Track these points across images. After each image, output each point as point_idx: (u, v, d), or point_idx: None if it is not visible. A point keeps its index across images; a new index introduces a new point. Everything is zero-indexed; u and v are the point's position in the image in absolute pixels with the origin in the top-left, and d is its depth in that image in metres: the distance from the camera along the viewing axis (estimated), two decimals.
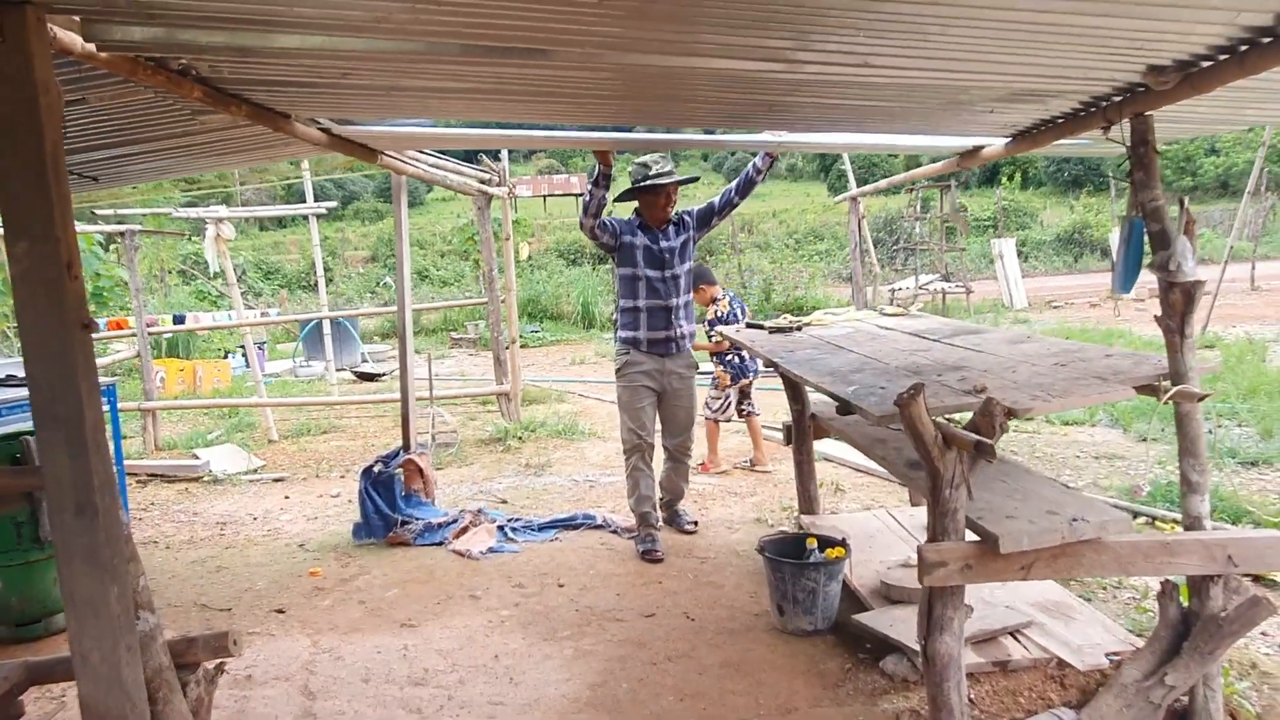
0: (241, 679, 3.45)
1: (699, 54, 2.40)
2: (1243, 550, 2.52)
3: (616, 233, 4.72)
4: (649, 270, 4.69)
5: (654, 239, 4.72)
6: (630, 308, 4.74)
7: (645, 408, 4.72)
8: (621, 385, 4.78)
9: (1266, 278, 18.42)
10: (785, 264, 21.50)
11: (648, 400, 4.73)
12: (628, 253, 4.72)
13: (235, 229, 8.76)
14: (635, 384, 4.72)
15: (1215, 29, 2.00)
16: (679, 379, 4.79)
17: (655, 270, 4.70)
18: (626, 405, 4.76)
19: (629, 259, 4.72)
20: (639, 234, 4.73)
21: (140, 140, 3.80)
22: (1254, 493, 5.07)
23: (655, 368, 4.72)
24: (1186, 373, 2.61)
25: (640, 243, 4.71)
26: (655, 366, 4.72)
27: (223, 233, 7.93)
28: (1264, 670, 3.06)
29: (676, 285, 4.75)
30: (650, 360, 4.71)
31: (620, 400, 4.82)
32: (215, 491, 6.44)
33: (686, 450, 4.96)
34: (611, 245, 4.76)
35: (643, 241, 4.71)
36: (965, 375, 2.99)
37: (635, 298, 4.72)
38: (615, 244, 4.74)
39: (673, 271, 4.74)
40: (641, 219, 4.78)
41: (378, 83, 2.84)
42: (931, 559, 2.52)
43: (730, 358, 6.36)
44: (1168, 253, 2.57)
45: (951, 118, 3.28)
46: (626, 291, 4.77)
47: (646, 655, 3.52)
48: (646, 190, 4.70)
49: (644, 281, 4.70)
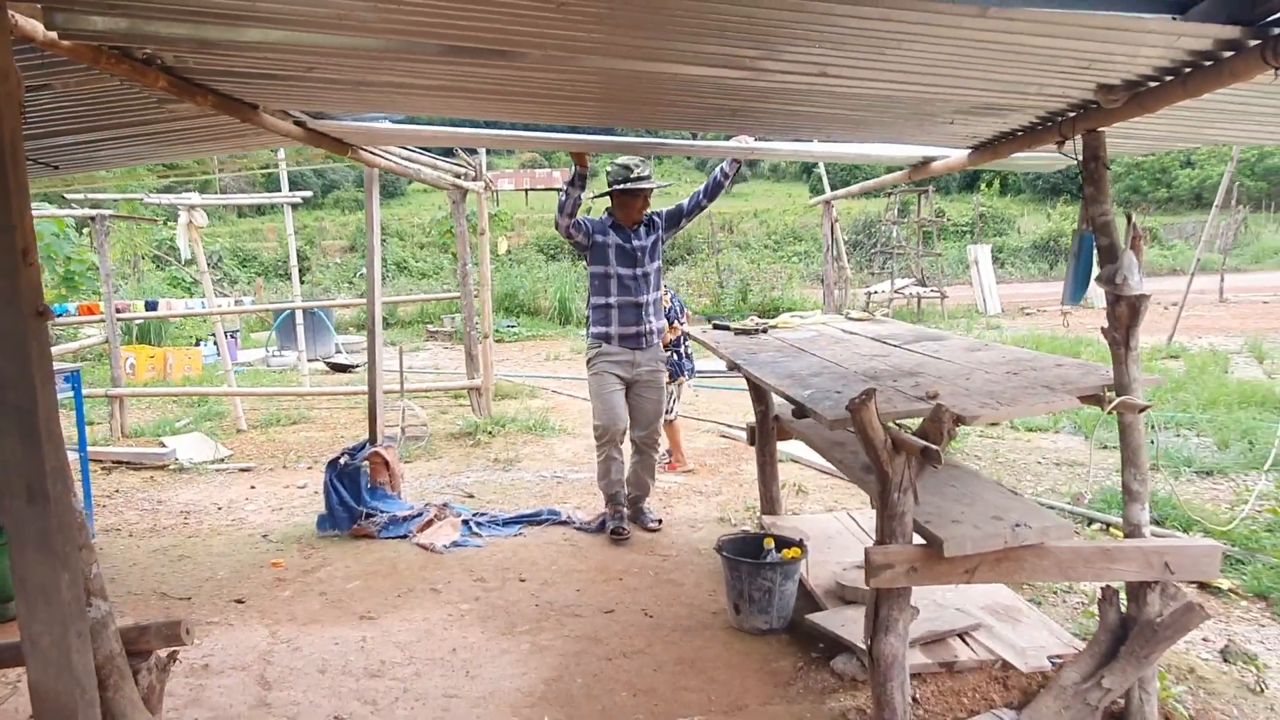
0: (198, 668, 3.45)
1: (664, 59, 2.44)
2: (1179, 558, 2.59)
3: (589, 232, 4.84)
4: (621, 268, 4.82)
5: (626, 238, 4.84)
6: (602, 304, 4.87)
7: (615, 396, 4.86)
8: (592, 375, 4.93)
9: (1235, 290, 18.72)
10: (764, 264, 21.59)
11: (617, 389, 4.87)
12: (600, 251, 4.83)
13: (209, 216, 8.70)
14: (605, 374, 4.86)
15: (1158, 51, 2.05)
16: (647, 372, 4.92)
17: (627, 268, 4.83)
18: (597, 394, 4.89)
19: (601, 257, 4.83)
20: (611, 233, 4.84)
21: (107, 127, 3.78)
22: (1206, 501, 5.18)
23: (625, 360, 4.86)
24: (1131, 384, 2.68)
25: (612, 241, 4.82)
26: (625, 359, 4.86)
27: (195, 220, 7.87)
28: (1201, 676, 3.14)
29: (647, 282, 4.88)
30: (621, 353, 4.85)
31: (591, 390, 4.96)
32: (181, 480, 6.41)
33: (653, 443, 5.05)
34: (584, 244, 4.87)
35: (615, 240, 4.82)
36: (920, 381, 3.04)
37: (607, 295, 4.85)
38: (588, 243, 4.85)
39: (644, 269, 4.87)
40: (614, 219, 4.89)
41: (344, 78, 2.85)
42: (878, 561, 2.58)
43: (670, 355, 6.20)
44: (1114, 266, 2.63)
45: (915, 128, 3.34)
46: (598, 288, 4.88)
47: (603, 651, 3.55)
48: (626, 192, 4.81)
49: (615, 279, 4.83)
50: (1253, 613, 3.76)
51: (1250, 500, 4.77)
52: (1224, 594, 3.91)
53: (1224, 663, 3.27)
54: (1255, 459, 5.76)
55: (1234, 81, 2.02)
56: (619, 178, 4.82)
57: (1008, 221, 31.24)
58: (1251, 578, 3.98)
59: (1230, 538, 4.36)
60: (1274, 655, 3.36)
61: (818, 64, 2.32)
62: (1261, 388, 7.97)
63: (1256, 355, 10.27)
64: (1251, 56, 1.92)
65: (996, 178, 36.89)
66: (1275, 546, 4.15)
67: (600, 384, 4.86)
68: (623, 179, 4.81)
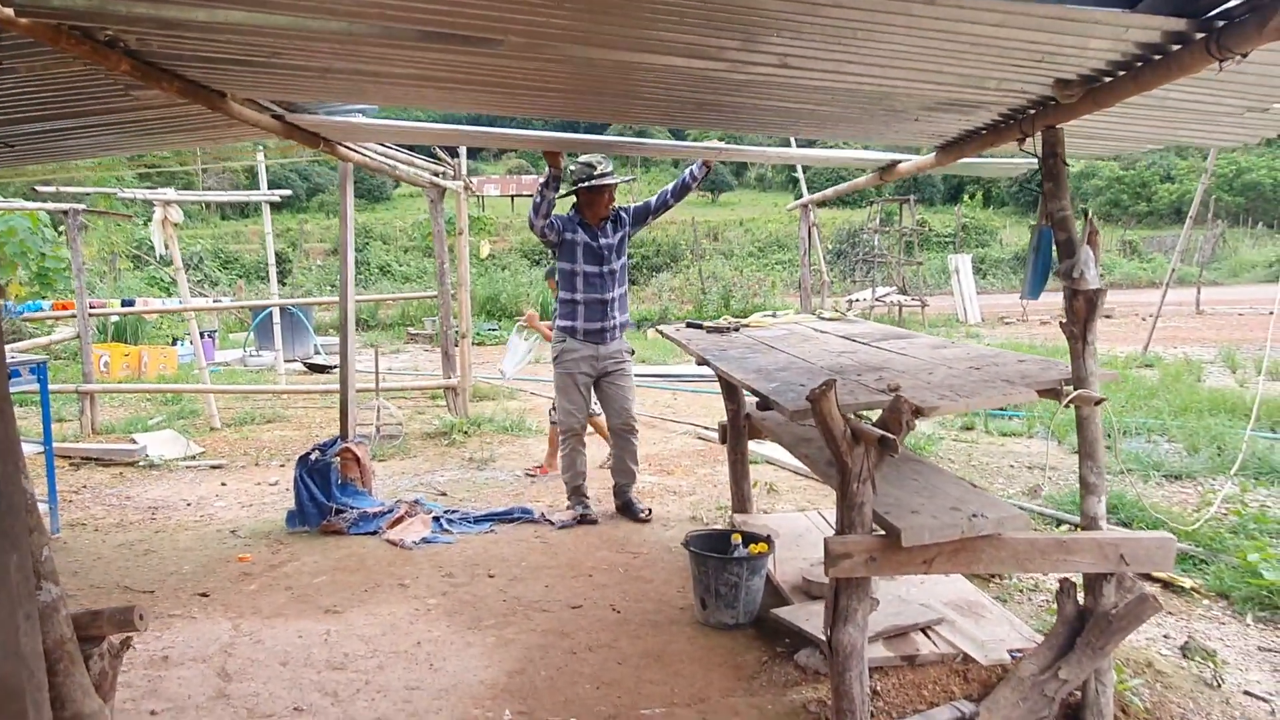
0: (157, 659, 3.42)
1: (637, 48, 2.44)
2: (1133, 550, 2.61)
3: (560, 229, 4.92)
4: (587, 266, 4.92)
5: (593, 236, 4.93)
6: (569, 299, 4.98)
7: (580, 391, 5.03)
8: (559, 371, 5.05)
9: (1212, 302, 18.96)
10: (747, 272, 21.68)
11: (583, 384, 5.03)
12: (569, 249, 4.93)
13: (189, 217, 8.66)
14: (571, 370, 5.00)
15: (1108, 44, 2.08)
16: (614, 362, 5.06)
17: (593, 266, 4.93)
18: (563, 389, 5.04)
19: (569, 255, 4.93)
20: (579, 231, 4.93)
21: (73, 114, 3.76)
22: (1174, 504, 5.23)
23: (590, 354, 4.99)
24: (1088, 377, 2.71)
25: (580, 240, 4.92)
26: (590, 353, 4.99)
27: (170, 216, 7.81)
28: (1159, 669, 3.16)
29: (613, 279, 4.99)
30: (585, 347, 4.98)
31: (557, 385, 5.09)
32: (150, 477, 6.36)
33: (632, 427, 5.19)
34: (555, 241, 4.97)
35: (583, 239, 4.92)
36: (884, 376, 3.06)
37: (574, 291, 4.95)
38: (558, 240, 4.94)
39: (610, 267, 4.97)
40: (580, 216, 4.97)
41: (311, 64, 2.85)
42: (837, 551, 2.59)
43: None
44: (1072, 261, 2.66)
45: (881, 125, 3.37)
46: (565, 284, 4.99)
47: (568, 645, 3.54)
48: (591, 189, 4.90)
49: (582, 276, 4.93)
50: (1214, 611, 3.79)
51: (1215, 502, 4.81)
52: (1186, 593, 3.95)
53: (1183, 658, 3.30)
54: (1223, 464, 5.82)
55: (1183, 75, 2.06)
56: (583, 175, 4.92)
57: (990, 233, 31.53)
58: (1214, 577, 4.01)
59: (1195, 538, 4.41)
60: (1233, 652, 3.40)
61: (778, 53, 2.33)
62: (1232, 395, 8.05)
63: (1230, 365, 10.39)
64: (1197, 49, 1.95)
65: (979, 190, 37.26)
66: (1238, 547, 4.19)
67: (566, 382, 5.02)
68: (586, 177, 4.91)
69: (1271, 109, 2.62)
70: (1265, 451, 6.00)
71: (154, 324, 14.06)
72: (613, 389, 5.09)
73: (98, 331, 12.53)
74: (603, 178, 4.88)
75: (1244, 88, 2.42)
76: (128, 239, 18.87)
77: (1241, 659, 3.34)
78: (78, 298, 7.89)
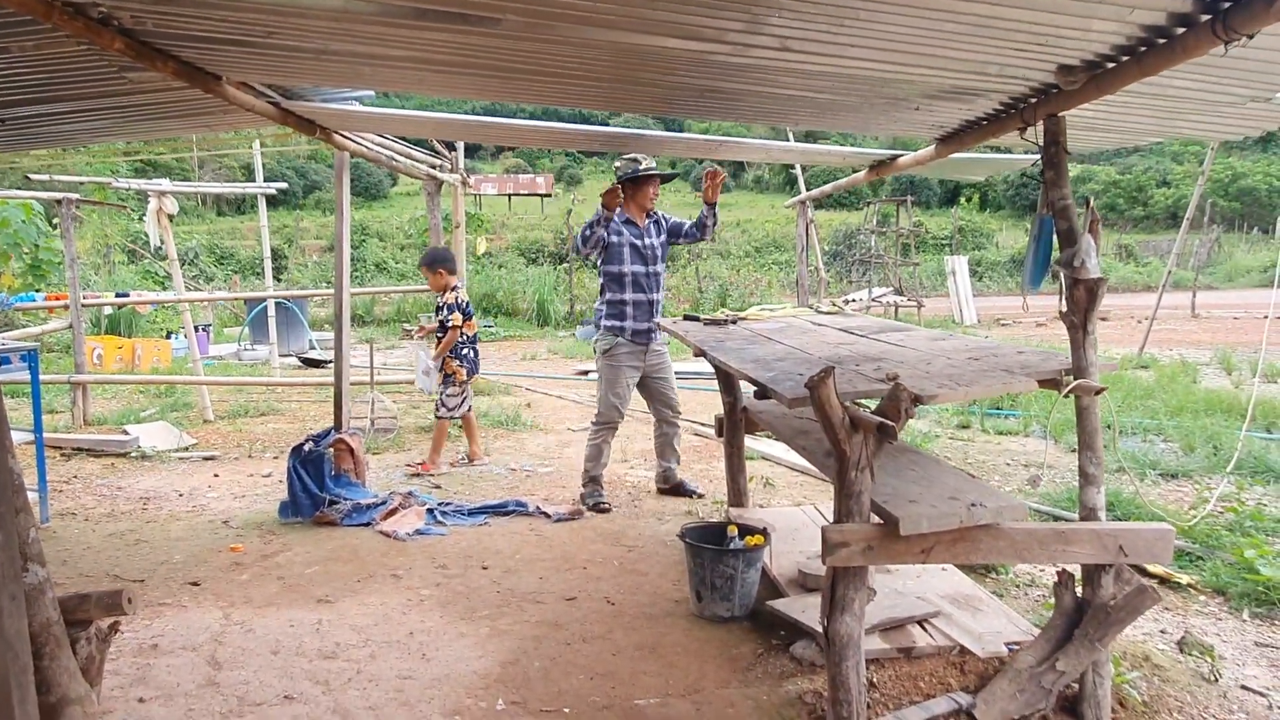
0: (147, 647, 3.39)
1: (639, 29, 2.41)
2: (1133, 541, 2.59)
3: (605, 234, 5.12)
4: (635, 266, 5.17)
5: (638, 235, 5.16)
6: (617, 300, 5.19)
7: (626, 385, 5.23)
8: (609, 364, 5.23)
9: (1207, 306, 18.99)
10: (744, 271, 21.67)
11: (631, 379, 5.23)
12: (615, 251, 5.15)
13: (185, 212, 8.63)
14: (621, 364, 5.19)
15: (1111, 26, 2.06)
16: (657, 356, 5.30)
17: (640, 266, 5.19)
18: (610, 382, 5.22)
19: (617, 257, 5.15)
20: (625, 231, 5.14)
21: (68, 98, 3.73)
22: (1170, 502, 5.22)
23: (639, 353, 5.21)
24: (1088, 367, 2.69)
25: (627, 240, 5.14)
26: (639, 352, 5.21)
27: (165, 207, 7.77)
28: (1157, 664, 3.15)
29: (658, 280, 5.27)
30: (634, 346, 5.19)
31: (605, 378, 5.26)
32: (143, 468, 6.31)
33: (677, 418, 5.47)
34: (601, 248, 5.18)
35: (629, 239, 5.14)
36: (882, 366, 3.04)
37: (622, 291, 5.17)
38: (604, 242, 5.13)
39: (655, 268, 5.24)
40: (626, 215, 5.17)
41: (306, 45, 2.82)
42: (834, 539, 2.56)
43: (465, 352, 6.21)
44: (1073, 250, 2.64)
45: (881, 114, 3.35)
46: (614, 285, 5.20)
47: (562, 636, 3.52)
48: (636, 180, 5.11)
49: (630, 277, 5.17)
50: (1210, 607, 3.78)
51: (1211, 500, 4.80)
52: (1183, 589, 3.93)
53: (1180, 653, 3.28)
54: (1219, 462, 5.81)
55: (1187, 58, 2.04)
56: (629, 170, 5.12)
57: (986, 236, 31.56)
58: (1210, 573, 4.00)
59: (1191, 535, 4.39)
60: (1230, 647, 3.38)
61: (779, 36, 2.31)
62: (1228, 396, 8.05)
63: (1225, 367, 10.39)
64: (1203, 31, 1.93)
65: (976, 193, 37.30)
66: (1234, 544, 4.17)
67: (616, 375, 5.19)
68: (633, 171, 5.11)
69: (1275, 98, 2.60)
70: (1261, 451, 5.99)
71: (148, 318, 13.99)
72: (658, 384, 5.36)
73: (91, 324, 12.49)
74: (648, 170, 5.12)
75: (1248, 75, 2.41)
76: (123, 232, 18.79)
77: (1238, 654, 3.33)
78: (70, 288, 7.84)
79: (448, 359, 6.16)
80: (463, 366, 6.18)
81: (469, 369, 6.23)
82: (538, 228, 31.31)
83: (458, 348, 6.17)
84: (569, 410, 8.62)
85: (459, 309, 6.11)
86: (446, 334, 6.10)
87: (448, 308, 6.10)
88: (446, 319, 6.09)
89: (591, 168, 49.98)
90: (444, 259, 6.30)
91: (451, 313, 6.08)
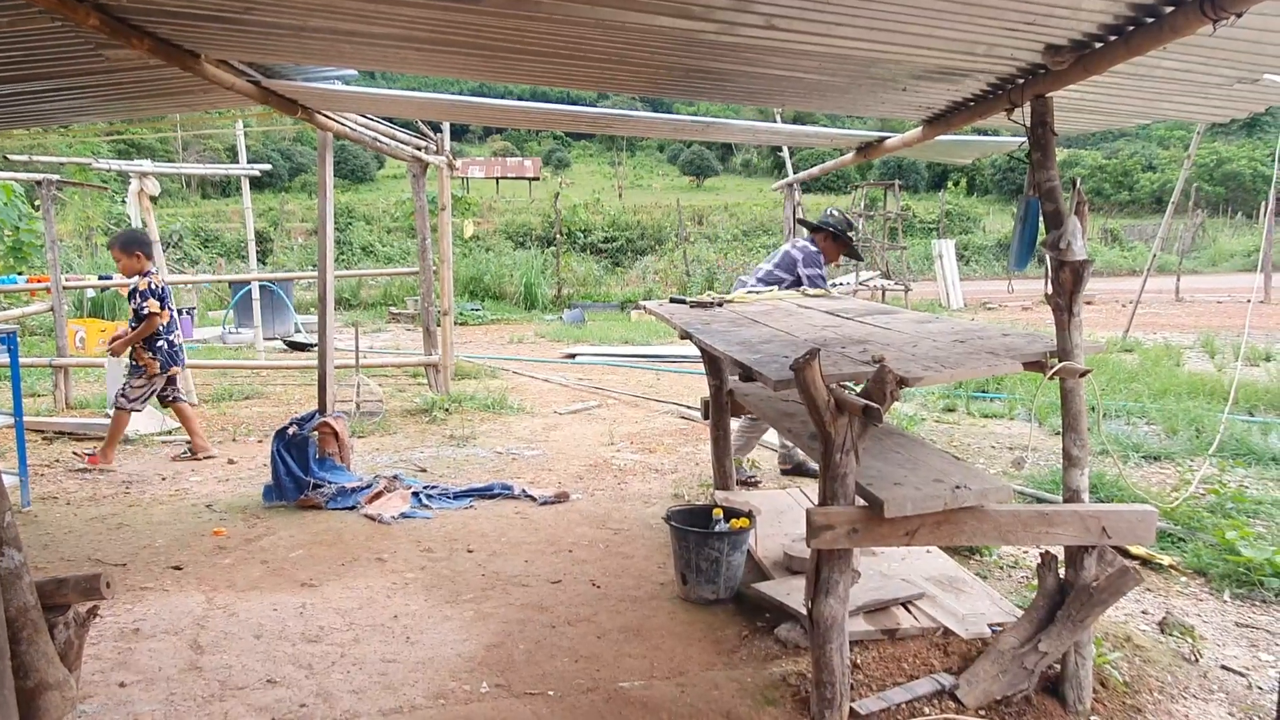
0: (128, 632, 3.36)
1: (626, 6, 2.38)
2: (1116, 523, 2.60)
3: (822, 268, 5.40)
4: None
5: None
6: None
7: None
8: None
9: (1192, 290, 19.11)
10: (731, 255, 21.65)
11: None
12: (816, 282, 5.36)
13: (170, 195, 8.51)
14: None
15: (1100, 4, 2.04)
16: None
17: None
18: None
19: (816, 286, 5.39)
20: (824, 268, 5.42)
21: (44, 76, 3.66)
22: (1153, 484, 5.25)
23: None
24: (1073, 350, 2.69)
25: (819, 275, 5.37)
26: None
27: (147, 188, 7.66)
28: (1138, 644, 3.17)
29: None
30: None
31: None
32: (125, 451, 6.26)
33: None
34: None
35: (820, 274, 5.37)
36: (868, 348, 3.03)
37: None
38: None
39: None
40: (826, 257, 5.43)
41: (285, 22, 2.76)
42: (819, 522, 2.56)
43: (160, 344, 5.82)
44: (1059, 232, 2.63)
45: (868, 95, 3.32)
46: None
47: (547, 619, 3.51)
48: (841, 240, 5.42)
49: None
50: (1192, 588, 3.81)
51: (1193, 482, 4.84)
52: (1165, 570, 3.96)
53: (1161, 634, 3.31)
54: (1201, 445, 5.86)
55: (1176, 37, 2.02)
56: (844, 226, 5.41)
57: (973, 220, 31.61)
58: (1192, 555, 4.03)
59: (1173, 517, 4.42)
60: (1210, 628, 3.41)
61: (764, 14, 2.28)
62: (1211, 379, 8.10)
63: (1208, 350, 10.46)
64: (1191, 10, 1.92)
65: (963, 177, 37.34)
66: (1216, 525, 4.21)
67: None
68: (847, 227, 5.42)
69: (1262, 79, 2.59)
70: (1243, 433, 6.04)
71: None
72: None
73: (74, 307, 12.36)
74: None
75: (1235, 55, 2.39)
76: (105, 214, 18.57)
77: (1219, 634, 3.35)
78: (51, 270, 7.74)
79: (139, 348, 5.75)
80: (156, 359, 5.78)
81: (163, 362, 5.83)
82: (525, 211, 31.16)
83: (152, 338, 5.75)
84: (556, 394, 8.60)
85: (155, 295, 5.69)
86: (142, 322, 5.70)
87: (142, 294, 5.67)
88: (142, 307, 5.67)
89: (579, 151, 49.75)
90: (139, 242, 5.87)
91: (147, 299, 5.66)
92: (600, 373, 9.94)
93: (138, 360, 5.78)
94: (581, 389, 8.81)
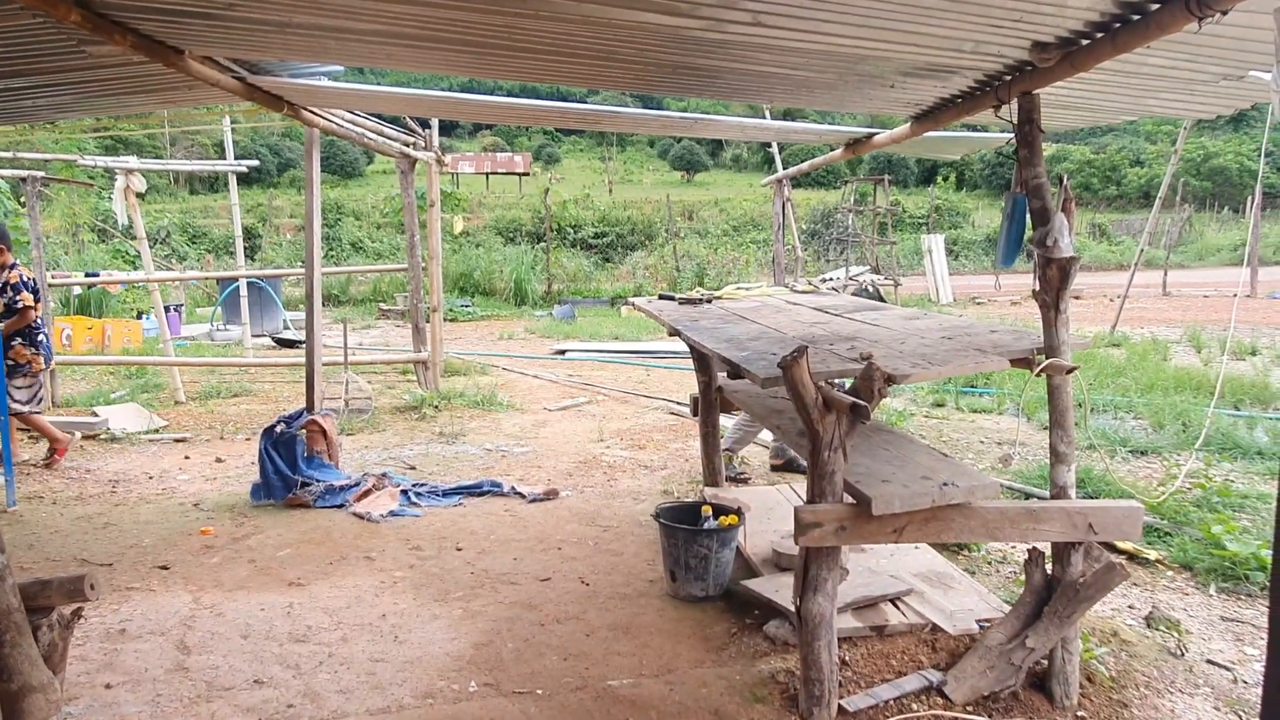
0: (115, 633, 3.34)
1: (619, 3, 2.37)
2: (1102, 519, 2.61)
3: None
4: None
5: None
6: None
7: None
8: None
9: (1179, 285, 19.20)
10: (721, 250, 21.64)
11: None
12: None
13: (153, 186, 8.47)
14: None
15: (1086, 1, 2.04)
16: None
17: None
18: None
19: None
20: None
21: (26, 72, 3.63)
22: (1140, 479, 5.27)
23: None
24: (1059, 346, 2.69)
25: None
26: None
27: (133, 185, 7.61)
28: (1124, 639, 3.19)
29: None
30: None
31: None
32: (112, 450, 6.22)
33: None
34: None
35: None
36: (856, 345, 3.04)
37: None
38: None
39: None
40: None
41: (268, 18, 2.74)
42: (807, 520, 2.57)
43: (40, 338, 5.62)
44: (1046, 229, 2.64)
45: (856, 92, 3.32)
46: None
47: (536, 617, 3.51)
48: None
49: None
50: (1178, 582, 3.83)
51: (1180, 477, 4.86)
52: (1151, 564, 3.98)
53: (1148, 628, 3.33)
54: (1188, 439, 5.89)
55: (1161, 34, 2.02)
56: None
57: (963, 215, 31.67)
58: (1178, 549, 4.05)
59: (1160, 512, 4.44)
60: (1196, 622, 3.43)
61: (750, 10, 2.27)
62: (1197, 374, 8.14)
63: (1195, 345, 10.51)
64: (1177, 7, 1.92)
65: (953, 172, 37.41)
66: (1202, 520, 4.23)
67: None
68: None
69: (1248, 76, 2.60)
70: (1229, 428, 6.07)
71: (119, 298, 13.77)
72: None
73: (61, 304, 12.27)
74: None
75: (1221, 52, 2.40)
76: (92, 210, 18.42)
77: (1205, 628, 3.37)
78: (37, 267, 7.67)
79: (19, 346, 5.46)
80: (39, 354, 5.56)
81: (46, 356, 5.63)
82: (515, 207, 31.05)
83: (33, 332, 5.51)
84: (545, 390, 8.59)
85: (27, 288, 5.47)
86: (16, 315, 5.42)
87: (14, 287, 5.43)
88: (14, 300, 5.41)
89: (570, 146, 49.59)
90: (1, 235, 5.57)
91: (20, 292, 5.42)
92: (590, 369, 9.93)
93: (18, 358, 5.48)
94: (571, 385, 8.80)
